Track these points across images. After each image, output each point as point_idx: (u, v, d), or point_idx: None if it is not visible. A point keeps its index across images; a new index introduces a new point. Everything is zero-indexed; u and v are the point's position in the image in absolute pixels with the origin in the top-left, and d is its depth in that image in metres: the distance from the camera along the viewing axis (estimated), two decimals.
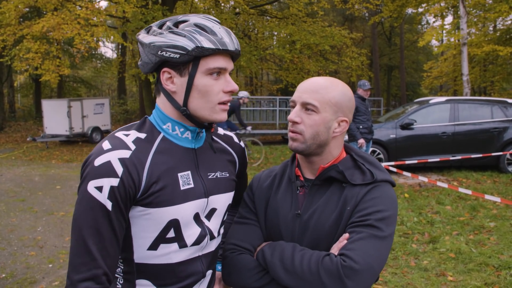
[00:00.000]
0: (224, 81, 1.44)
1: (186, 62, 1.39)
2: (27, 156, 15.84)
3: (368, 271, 1.37)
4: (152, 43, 1.40)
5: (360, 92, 8.71)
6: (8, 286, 4.86)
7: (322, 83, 1.55)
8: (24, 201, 8.76)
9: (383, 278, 4.81)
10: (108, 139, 1.40)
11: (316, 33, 18.38)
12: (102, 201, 1.30)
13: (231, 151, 1.68)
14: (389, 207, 1.49)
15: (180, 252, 1.46)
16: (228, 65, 1.43)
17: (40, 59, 14.89)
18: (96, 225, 1.30)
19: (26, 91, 38.05)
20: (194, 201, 1.46)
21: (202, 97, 1.42)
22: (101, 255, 1.30)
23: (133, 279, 1.46)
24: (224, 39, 1.39)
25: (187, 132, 1.50)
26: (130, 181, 1.33)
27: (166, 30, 1.41)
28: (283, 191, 1.64)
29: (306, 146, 1.55)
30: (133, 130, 1.45)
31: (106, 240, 1.32)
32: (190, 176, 1.47)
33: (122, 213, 1.35)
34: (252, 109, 19.93)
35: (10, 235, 6.59)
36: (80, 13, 14.50)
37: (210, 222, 1.54)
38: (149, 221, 1.40)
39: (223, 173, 1.59)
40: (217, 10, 19.57)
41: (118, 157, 1.33)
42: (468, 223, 6.69)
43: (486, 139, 10.82)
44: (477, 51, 16.91)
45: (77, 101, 19.13)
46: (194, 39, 1.36)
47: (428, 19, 35.23)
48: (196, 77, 1.40)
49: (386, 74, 39.57)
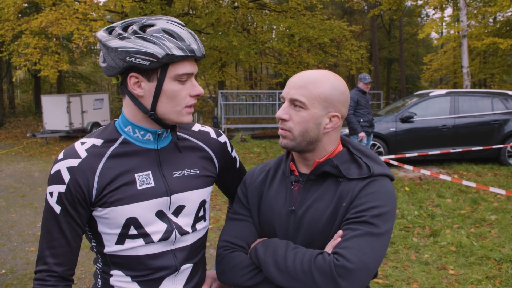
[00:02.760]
0: (190, 85, 1.47)
1: (155, 68, 1.42)
2: (27, 151, 15.83)
3: (362, 270, 1.32)
4: (119, 48, 1.39)
5: (361, 86, 8.68)
6: (8, 281, 4.86)
7: (311, 77, 1.48)
8: (24, 196, 8.75)
9: (383, 272, 4.80)
10: (65, 149, 1.51)
11: (315, 26, 18.34)
12: (52, 205, 1.45)
13: (205, 147, 1.67)
14: (387, 203, 1.43)
15: (147, 246, 1.51)
16: (194, 69, 1.48)
17: (38, 54, 14.86)
18: (47, 226, 1.46)
19: (25, 87, 37.99)
20: (153, 200, 1.50)
21: (170, 102, 1.46)
22: (50, 253, 1.45)
23: (109, 270, 1.55)
24: (192, 45, 1.42)
25: (148, 134, 1.54)
26: (77, 187, 1.43)
27: (132, 35, 1.40)
28: (277, 186, 1.59)
29: (295, 143, 1.50)
30: (92, 138, 1.52)
31: (55, 240, 1.45)
32: (151, 175, 1.51)
33: (72, 216, 1.45)
34: (252, 103, 19.90)
35: (10, 231, 6.58)
36: (79, 8, 14.47)
37: (179, 218, 1.56)
38: (108, 219, 1.48)
39: (192, 170, 1.60)
40: (215, 4, 19.51)
41: (67, 166, 1.44)
42: (469, 216, 6.68)
43: (486, 131, 10.79)
44: (477, 44, 16.85)
45: (76, 96, 19.08)
46: (164, 46, 1.38)
47: (427, 12, 35.15)
48: (165, 82, 1.43)
49: (386, 67, 39.48)
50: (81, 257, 4.85)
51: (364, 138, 8.57)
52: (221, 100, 19.19)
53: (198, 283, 1.67)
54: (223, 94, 20.06)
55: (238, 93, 21.99)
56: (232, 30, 19.25)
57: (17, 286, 4.77)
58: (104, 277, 1.57)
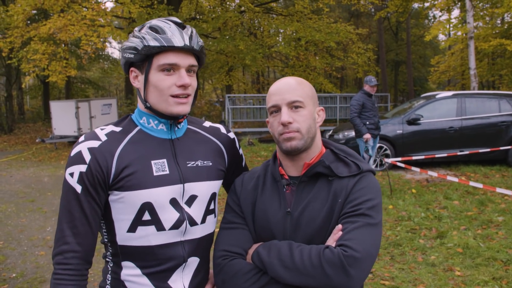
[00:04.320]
0: (177, 76, 1.54)
1: (143, 61, 1.55)
2: (36, 157, 15.96)
3: (368, 258, 1.43)
4: (122, 46, 1.61)
5: (367, 88, 8.69)
6: (19, 285, 4.92)
7: (294, 81, 1.63)
8: (33, 201, 8.84)
9: (390, 273, 4.81)
10: (85, 133, 1.58)
11: (322, 30, 18.34)
12: (73, 185, 1.49)
13: (216, 141, 1.75)
14: (377, 195, 1.56)
15: (158, 235, 1.56)
16: (181, 61, 1.53)
17: (47, 60, 14.98)
18: (68, 207, 1.50)
19: (34, 93, 38.23)
20: (168, 186, 1.56)
21: (156, 91, 1.55)
22: (72, 233, 1.49)
23: (119, 261, 1.60)
24: (171, 37, 1.51)
25: (161, 124, 1.63)
26: (97, 167, 1.49)
27: (132, 35, 1.58)
28: (269, 191, 1.65)
29: (304, 141, 1.58)
30: (111, 125, 1.62)
31: (77, 220, 1.49)
32: (166, 163, 1.59)
33: (92, 196, 1.50)
34: (259, 107, 19.94)
35: (20, 235, 6.66)
36: (87, 14, 14.58)
37: (191, 208, 1.62)
38: (124, 204, 1.53)
39: (205, 162, 1.67)
40: (222, 9, 19.59)
41: (88, 147, 1.51)
42: (476, 217, 6.66)
43: (494, 133, 10.75)
44: (484, 45, 16.77)
45: (84, 102, 19.20)
46: (143, 39, 1.52)
47: (434, 14, 35.01)
48: (150, 73, 1.54)
49: (393, 70, 39.33)
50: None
51: (369, 139, 8.57)
52: (229, 104, 19.25)
53: (203, 280, 1.71)
54: (230, 98, 20.11)
55: (246, 97, 22.04)
56: (239, 34, 19.32)
57: None
58: (115, 271, 1.61)
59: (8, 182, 11.03)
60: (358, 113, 8.56)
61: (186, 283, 1.63)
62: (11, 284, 4.96)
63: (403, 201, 7.70)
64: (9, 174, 12.25)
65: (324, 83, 21.18)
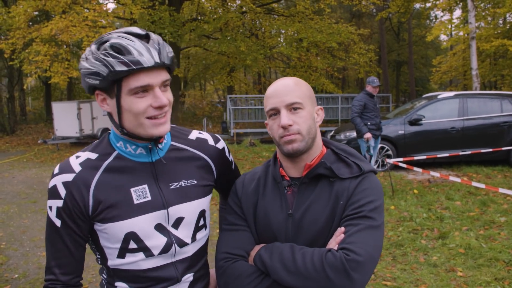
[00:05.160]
0: (152, 97, 1.40)
1: (109, 86, 1.39)
2: (38, 158, 15.99)
3: (370, 262, 1.42)
4: (80, 69, 1.43)
5: (369, 89, 8.69)
6: (21, 286, 4.93)
7: (291, 82, 1.60)
8: (35, 202, 8.86)
9: (391, 274, 4.80)
10: (60, 163, 1.53)
11: (323, 30, 18.34)
12: (52, 219, 1.49)
13: (202, 156, 1.66)
14: (379, 197, 1.55)
15: (148, 260, 1.53)
16: (153, 80, 1.39)
17: (49, 61, 15.01)
18: (50, 239, 1.51)
19: (36, 94, 38.36)
20: (151, 213, 1.51)
21: (131, 116, 1.42)
22: (56, 264, 1.50)
23: (113, 282, 1.58)
24: (138, 57, 1.34)
25: (140, 148, 1.53)
26: (73, 202, 1.45)
27: (90, 54, 1.40)
28: (270, 193, 1.63)
29: (305, 142, 1.56)
30: (87, 152, 1.53)
31: (59, 251, 1.50)
32: (147, 189, 1.52)
33: (72, 229, 1.48)
34: (261, 108, 19.95)
35: (22, 236, 6.67)
36: (88, 16, 14.61)
37: (178, 230, 1.57)
38: (107, 234, 1.50)
39: (189, 181, 1.59)
40: (223, 9, 19.59)
41: (62, 181, 1.47)
42: (478, 218, 6.65)
43: (496, 133, 10.72)
44: (486, 46, 16.75)
45: (86, 103, 19.23)
46: (107, 64, 1.35)
47: (436, 14, 35.00)
48: (122, 98, 1.40)
49: (395, 70, 39.33)
50: (92, 261, 4.90)
51: (370, 138, 8.57)
52: (230, 105, 19.26)
53: None
54: (232, 99, 20.13)
55: (247, 97, 22.07)
56: (240, 35, 19.32)
57: None
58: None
59: (10, 183, 11.05)
60: (359, 113, 8.57)
61: None
62: (13, 285, 4.97)
63: (405, 202, 7.69)
64: (11, 175, 12.28)
65: (325, 83, 21.16)
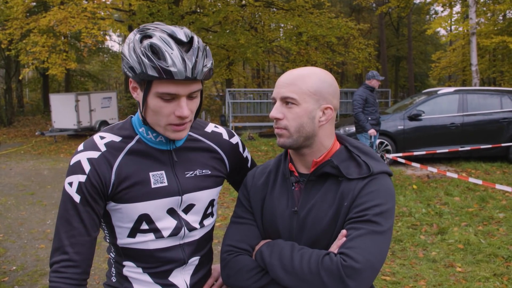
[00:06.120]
0: (176, 105, 1.44)
1: (142, 81, 1.43)
2: (36, 150, 15.94)
3: (369, 269, 1.34)
4: (122, 54, 1.46)
5: (373, 83, 8.61)
6: (19, 278, 4.91)
7: (299, 74, 1.51)
8: (33, 194, 8.83)
9: (391, 269, 4.80)
10: (84, 141, 1.55)
11: (323, 25, 18.30)
12: (71, 195, 1.47)
13: (216, 149, 1.70)
14: (388, 200, 1.45)
15: (157, 241, 1.57)
16: (181, 90, 1.41)
17: (47, 52, 14.95)
18: (66, 216, 1.48)
19: (34, 86, 38.15)
20: (166, 199, 1.56)
21: (154, 115, 1.48)
22: (70, 242, 1.47)
23: (121, 260, 1.62)
24: (171, 68, 1.35)
25: (160, 136, 1.57)
26: (96, 178, 1.47)
27: (132, 43, 1.43)
28: (278, 188, 1.60)
29: (292, 140, 1.50)
30: (110, 134, 1.57)
31: (75, 229, 1.47)
32: (164, 175, 1.57)
33: (91, 206, 1.49)
34: (259, 102, 19.92)
35: (20, 228, 6.65)
36: (87, 7, 14.55)
37: (188, 215, 1.62)
38: (121, 214, 1.54)
39: (203, 170, 1.64)
40: (223, 3, 19.52)
41: (87, 157, 1.49)
42: (477, 214, 6.65)
43: (495, 129, 10.72)
44: (486, 42, 16.72)
45: (84, 95, 19.16)
46: (141, 63, 1.38)
47: (436, 9, 34.92)
48: (149, 96, 1.44)
49: (394, 65, 39.28)
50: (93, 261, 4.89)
51: (373, 134, 8.53)
52: (229, 99, 19.21)
53: (205, 275, 1.72)
54: (231, 92, 20.08)
55: (246, 91, 22.03)
56: (240, 28, 19.26)
57: (28, 282, 4.82)
58: (118, 267, 1.64)
59: (8, 175, 11.01)
60: (362, 108, 8.51)
61: (187, 279, 1.65)
62: (11, 277, 4.95)
63: (404, 197, 7.69)
64: (8, 167, 12.23)
65: None
